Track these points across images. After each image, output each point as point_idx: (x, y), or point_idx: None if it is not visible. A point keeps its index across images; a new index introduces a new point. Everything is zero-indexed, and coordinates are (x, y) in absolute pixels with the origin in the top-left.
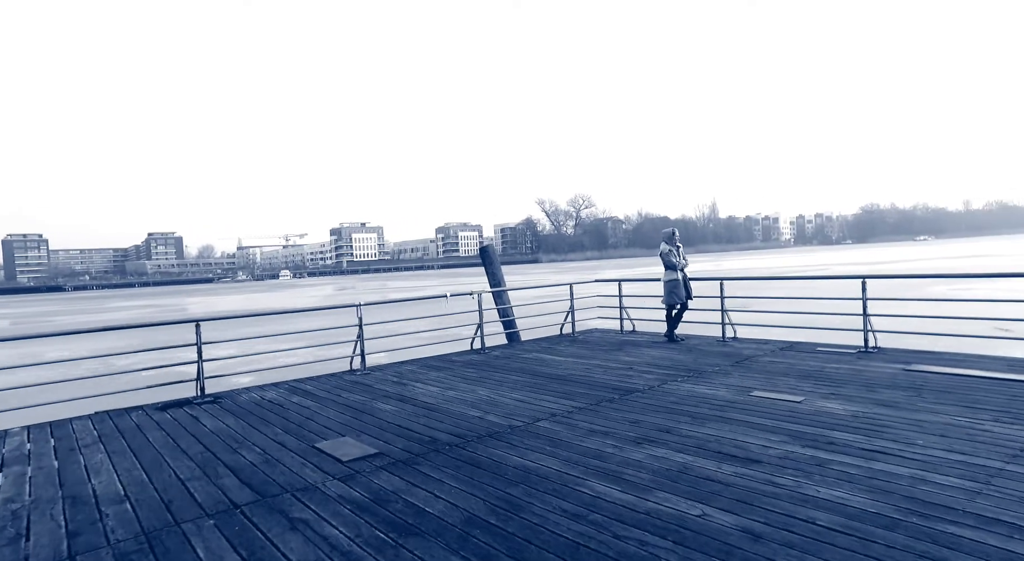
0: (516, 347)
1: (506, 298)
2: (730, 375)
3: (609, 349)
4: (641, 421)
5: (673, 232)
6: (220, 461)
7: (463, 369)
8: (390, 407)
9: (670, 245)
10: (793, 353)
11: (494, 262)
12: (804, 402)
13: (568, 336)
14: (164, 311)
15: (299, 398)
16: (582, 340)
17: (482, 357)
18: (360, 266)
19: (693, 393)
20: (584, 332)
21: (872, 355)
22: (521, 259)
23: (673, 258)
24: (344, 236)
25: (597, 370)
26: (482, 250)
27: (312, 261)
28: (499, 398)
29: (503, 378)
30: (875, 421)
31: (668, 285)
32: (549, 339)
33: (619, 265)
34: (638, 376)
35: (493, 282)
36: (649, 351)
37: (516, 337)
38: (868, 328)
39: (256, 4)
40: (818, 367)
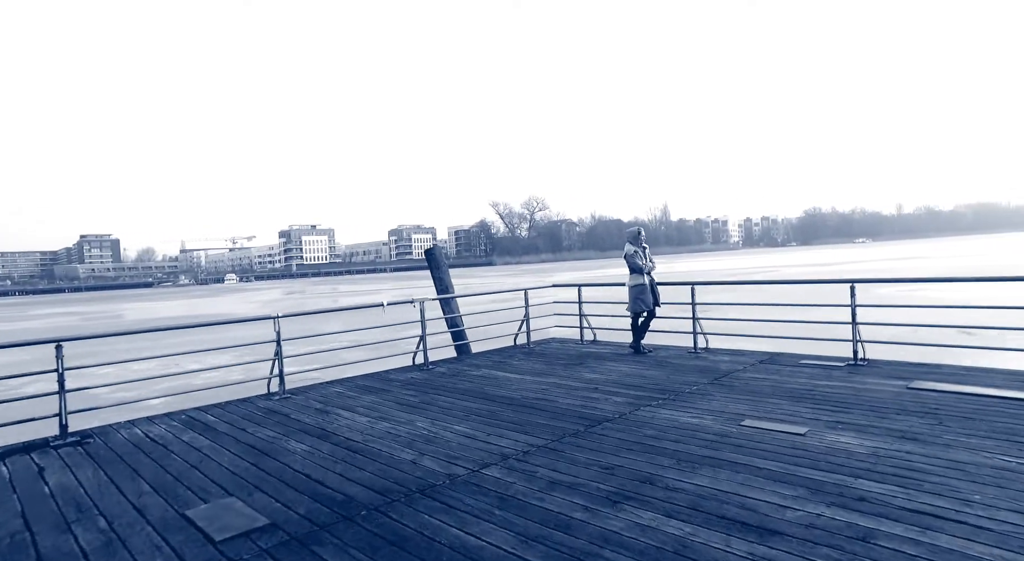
0: (465, 361)
1: (455, 305)
2: (711, 397)
3: (569, 363)
4: (615, 467)
5: (639, 231)
6: (34, 550)
7: (401, 391)
8: (304, 447)
9: (635, 246)
10: (776, 367)
11: (441, 266)
12: (809, 435)
13: (523, 348)
14: (88, 319)
15: (192, 435)
16: (539, 352)
17: (425, 375)
18: (310, 269)
19: (673, 423)
20: (541, 343)
21: (863, 369)
22: (475, 262)
23: (639, 260)
24: (294, 238)
25: (557, 391)
26: (428, 253)
27: (260, 264)
28: (440, 432)
29: (447, 403)
30: (904, 463)
31: (634, 291)
32: (502, 351)
33: (574, 267)
34: (605, 399)
35: (440, 288)
36: (615, 366)
37: (466, 349)
38: (857, 338)
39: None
40: (808, 385)
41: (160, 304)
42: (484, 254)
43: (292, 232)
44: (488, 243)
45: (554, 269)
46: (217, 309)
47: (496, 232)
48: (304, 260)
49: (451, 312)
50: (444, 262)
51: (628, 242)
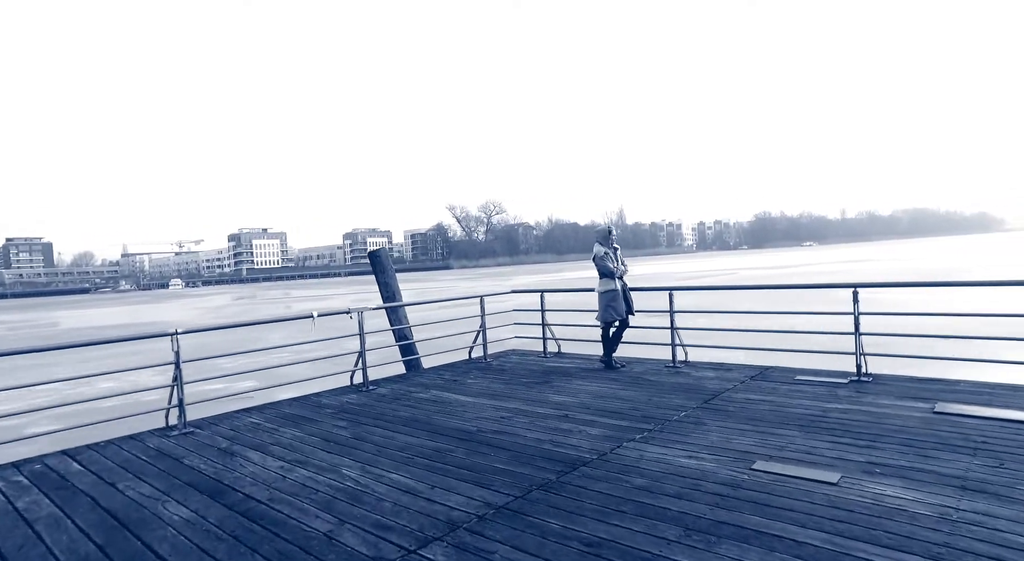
0: (412, 380)
1: (402, 315)
2: (706, 426)
3: (532, 381)
4: (603, 542)
5: (609, 231)
6: None
7: (331, 421)
8: (185, 513)
9: (605, 246)
10: (771, 385)
11: (387, 270)
12: (843, 483)
13: (479, 362)
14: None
15: (34, 498)
16: (497, 367)
17: (363, 398)
18: (261, 274)
19: (667, 466)
20: (500, 356)
21: (870, 386)
22: (432, 265)
23: (609, 263)
24: (244, 242)
25: (520, 420)
26: (372, 256)
27: (208, 269)
28: (371, 485)
29: (385, 438)
30: (992, 533)
31: (604, 297)
32: (455, 367)
33: (532, 271)
34: (578, 431)
35: (386, 294)
36: (584, 384)
37: (416, 365)
38: (861, 351)
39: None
40: (816, 408)
41: (91, 311)
42: (441, 258)
43: (242, 235)
44: (445, 246)
45: (512, 272)
46: (154, 316)
47: (453, 235)
48: (255, 264)
49: (399, 322)
50: (390, 266)
51: (597, 243)
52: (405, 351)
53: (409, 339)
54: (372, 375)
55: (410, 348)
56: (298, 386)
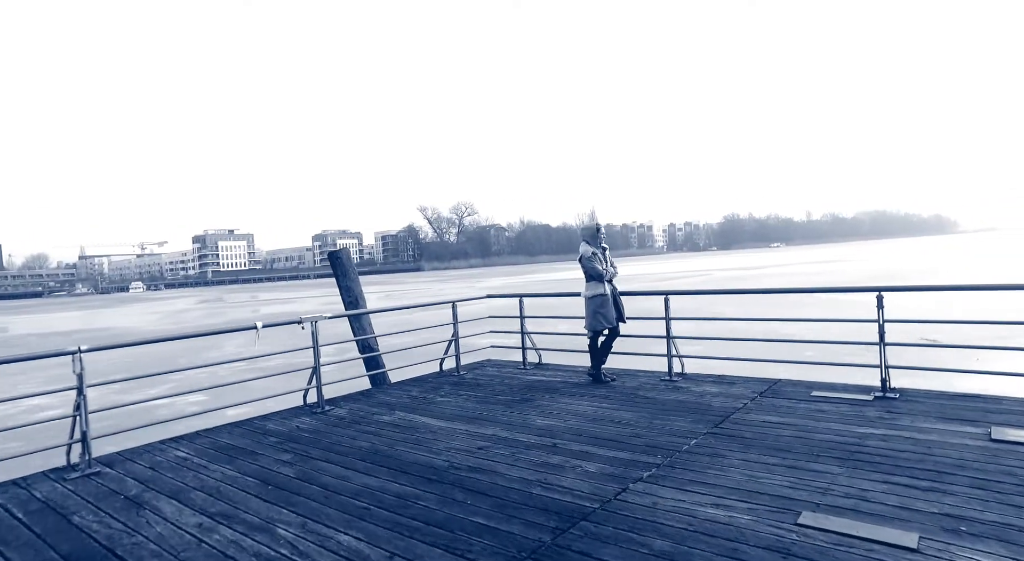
0: (375, 398)
1: (367, 323)
2: (724, 458)
3: (512, 399)
4: None
5: (597, 228)
6: None
7: (275, 453)
8: None
9: (593, 246)
10: (785, 404)
11: (348, 272)
12: (926, 546)
13: (452, 375)
14: None
15: None
16: (472, 382)
17: (317, 422)
18: (228, 276)
19: (690, 519)
20: (474, 368)
21: (900, 404)
22: (403, 267)
23: (598, 264)
24: (209, 244)
25: (500, 452)
26: (332, 257)
27: (172, 271)
28: (311, 553)
29: (337, 479)
30: None
31: (593, 303)
32: (425, 382)
33: (504, 273)
34: (572, 467)
35: (348, 299)
36: (572, 402)
37: (382, 379)
38: (885, 363)
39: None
40: (848, 434)
41: (38, 317)
42: (412, 260)
43: (207, 237)
44: (416, 248)
45: (484, 274)
46: (108, 322)
47: (424, 237)
48: (221, 267)
49: (362, 332)
50: (353, 268)
51: (584, 241)
52: (369, 364)
53: (374, 350)
54: (330, 393)
55: (375, 361)
56: (242, 409)
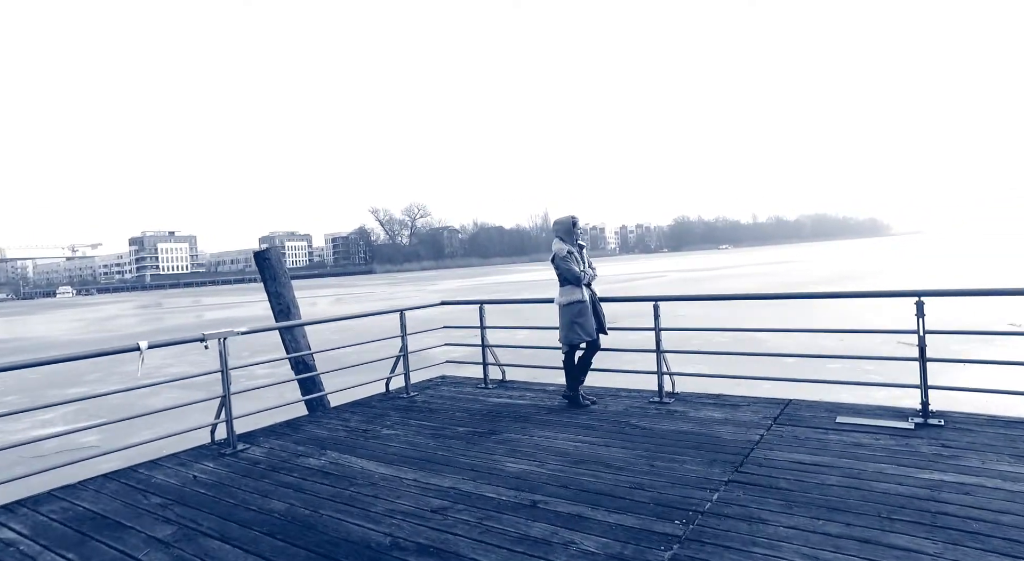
0: (304, 431)
1: (301, 336)
2: (765, 524)
3: (474, 431)
4: None
5: (574, 222)
6: None
7: (149, 530)
8: None
9: (568, 243)
10: (810, 433)
11: (278, 276)
12: None
13: (401, 397)
14: None
15: None
16: (423, 405)
17: (224, 469)
18: (168, 280)
19: None
20: (427, 387)
21: (951, 434)
22: (355, 270)
23: (575, 265)
24: (148, 246)
25: (462, 517)
26: (259, 258)
27: (106, 275)
28: None
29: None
30: None
31: (568, 311)
32: (369, 405)
33: (458, 275)
34: (563, 544)
35: (278, 309)
36: (550, 436)
37: (320, 404)
38: (927, 382)
39: None
40: (911, 481)
41: None
42: (364, 262)
43: (145, 239)
44: (368, 251)
45: (437, 277)
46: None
47: (376, 239)
48: (160, 270)
49: (296, 346)
50: (284, 271)
51: (557, 238)
52: (305, 386)
53: (311, 368)
54: (250, 424)
55: (312, 382)
56: (129, 453)
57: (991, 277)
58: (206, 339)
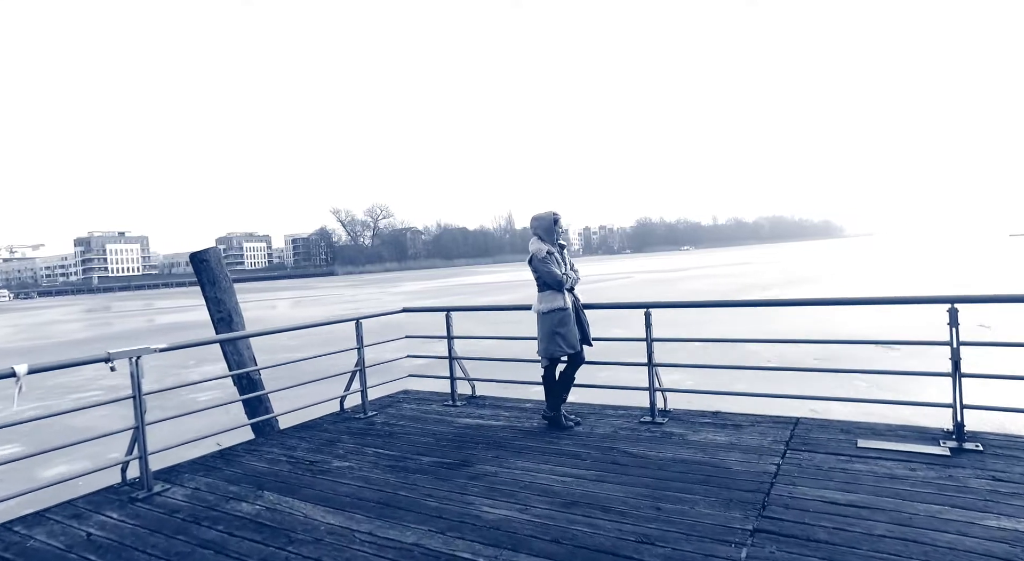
0: (239, 465)
1: (244, 349)
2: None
3: (441, 461)
4: None
5: (555, 219)
6: None
7: None
8: None
9: (548, 242)
10: (833, 462)
11: (218, 280)
12: None
13: (357, 417)
14: None
15: None
16: (383, 428)
17: (127, 524)
18: (117, 283)
19: None
20: (387, 405)
21: (998, 463)
22: (315, 272)
23: (555, 267)
24: (95, 247)
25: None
26: (195, 260)
27: (49, 277)
28: None
29: None
30: None
31: (549, 320)
32: (321, 428)
33: (421, 276)
34: None
35: (218, 317)
36: (531, 468)
37: (267, 427)
38: (962, 401)
39: None
40: (976, 529)
41: None
42: (325, 263)
43: (93, 239)
44: (329, 252)
45: (400, 278)
46: None
47: (338, 240)
48: (110, 272)
49: (240, 361)
50: (225, 274)
51: (535, 237)
52: (251, 407)
53: (257, 386)
54: (178, 456)
55: (258, 404)
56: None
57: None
58: (112, 359)
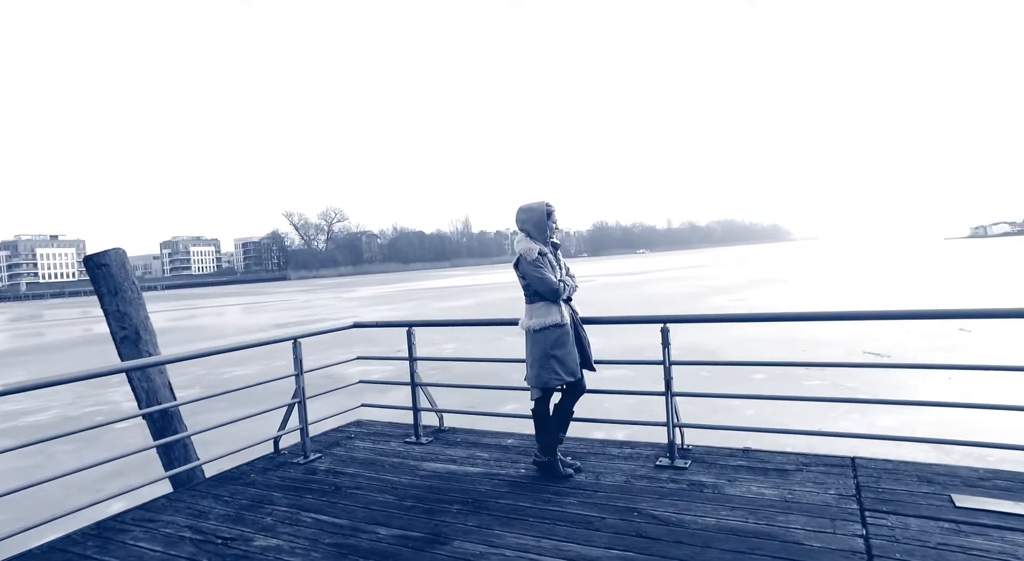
0: (121, 542)
1: (158, 378)
2: None
3: (404, 536)
4: None
5: (548, 212)
6: None
7: None
8: None
9: (540, 241)
10: (934, 531)
11: (122, 289)
12: None
13: (296, 462)
14: None
15: None
16: (327, 479)
17: None
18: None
19: None
20: (334, 443)
21: None
22: (267, 276)
23: (549, 272)
24: (23, 251)
25: None
26: (89, 263)
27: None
28: None
29: None
30: None
31: (544, 340)
32: (244, 482)
33: (378, 281)
34: None
35: (122, 334)
36: (529, 543)
37: (192, 478)
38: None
39: None
40: None
41: None
42: (277, 268)
43: (20, 243)
44: (282, 256)
45: (355, 283)
46: None
47: (291, 244)
48: (40, 278)
49: (153, 394)
50: (131, 282)
51: (525, 234)
52: (166, 453)
53: (173, 426)
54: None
55: (179, 450)
56: None
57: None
58: None
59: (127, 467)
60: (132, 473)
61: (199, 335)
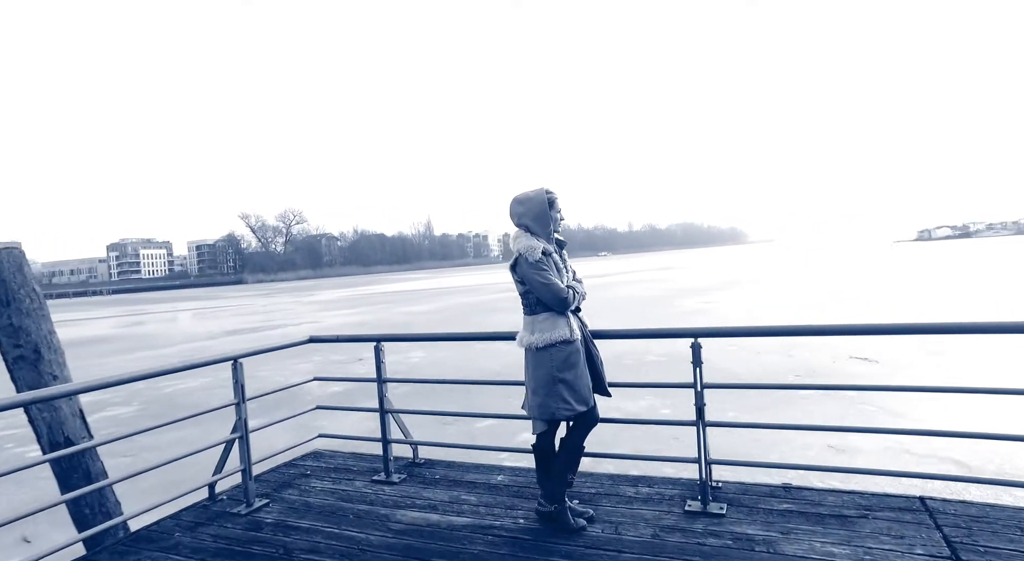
0: None
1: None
2: None
3: None
4: None
5: (551, 201)
6: None
7: None
8: None
9: (542, 237)
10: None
11: (17, 298)
12: None
13: (234, 512)
14: None
15: None
16: (272, 541)
17: None
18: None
19: None
20: (286, 484)
21: None
22: (223, 280)
23: (555, 276)
24: None
25: None
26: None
27: None
28: None
29: None
30: None
31: (549, 359)
32: (168, 542)
33: (338, 284)
34: None
35: (15, 355)
36: None
37: (106, 538)
38: None
39: None
40: None
41: None
42: (233, 271)
43: None
44: (238, 259)
45: (315, 287)
46: None
47: (247, 247)
48: None
49: (59, 430)
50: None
51: (524, 230)
52: (78, 508)
53: (90, 473)
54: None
55: (95, 497)
56: None
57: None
58: None
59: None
60: (37, 527)
61: (143, 344)
